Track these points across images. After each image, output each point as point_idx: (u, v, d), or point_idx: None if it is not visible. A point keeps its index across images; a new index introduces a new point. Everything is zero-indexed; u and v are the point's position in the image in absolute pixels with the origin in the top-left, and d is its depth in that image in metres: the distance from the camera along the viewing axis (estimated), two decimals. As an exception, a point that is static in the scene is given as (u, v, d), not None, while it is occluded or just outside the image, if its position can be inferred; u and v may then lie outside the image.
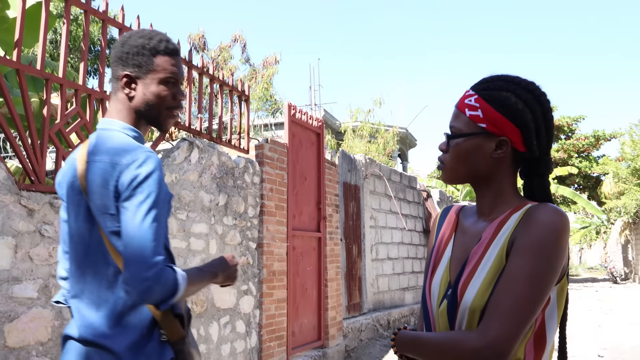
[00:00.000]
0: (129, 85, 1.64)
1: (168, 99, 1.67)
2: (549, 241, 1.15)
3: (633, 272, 26.09)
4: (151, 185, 1.48)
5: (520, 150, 1.28)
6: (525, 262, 1.15)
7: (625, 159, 25.95)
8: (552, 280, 1.16)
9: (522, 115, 1.25)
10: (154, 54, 1.63)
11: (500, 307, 1.14)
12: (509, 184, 1.31)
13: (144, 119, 1.68)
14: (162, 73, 1.64)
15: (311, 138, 6.49)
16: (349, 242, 7.67)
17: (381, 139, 17.06)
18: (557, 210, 1.18)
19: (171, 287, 1.44)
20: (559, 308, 1.23)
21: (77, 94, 3.43)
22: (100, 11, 3.65)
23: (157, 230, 1.45)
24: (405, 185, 10.20)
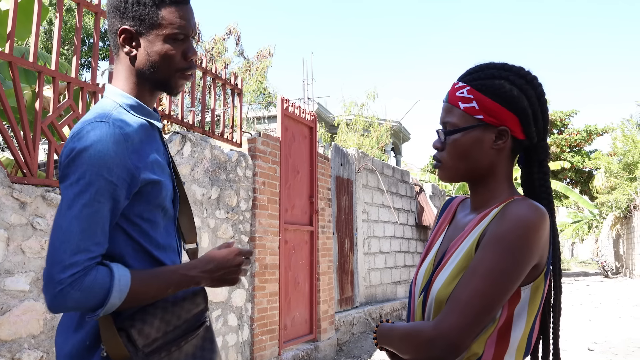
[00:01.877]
0: (128, 42, 1.36)
1: (177, 58, 1.37)
2: (514, 236, 1.12)
3: (624, 266, 26.29)
4: (83, 164, 1.19)
5: (520, 139, 1.25)
6: (486, 256, 1.13)
7: (617, 153, 26.09)
8: (517, 276, 1.12)
9: (519, 102, 1.22)
10: (158, 4, 1.34)
11: (457, 300, 1.13)
12: (505, 177, 1.28)
13: (149, 83, 1.39)
14: (168, 28, 1.34)
15: (304, 132, 6.50)
16: (341, 235, 7.70)
17: (375, 133, 17.09)
18: (532, 206, 1.15)
19: (97, 294, 1.17)
20: (531, 307, 1.18)
21: (70, 86, 3.43)
22: (93, 4, 3.64)
23: (87, 220, 1.18)
24: (398, 179, 10.23)
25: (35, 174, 3.08)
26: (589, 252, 40.02)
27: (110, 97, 1.37)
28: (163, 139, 1.47)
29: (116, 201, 1.24)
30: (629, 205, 23.38)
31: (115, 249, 1.30)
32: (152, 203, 1.33)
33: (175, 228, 1.47)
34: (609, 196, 24.84)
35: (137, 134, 1.32)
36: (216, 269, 1.38)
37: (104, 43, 16.10)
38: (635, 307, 12.47)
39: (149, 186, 1.31)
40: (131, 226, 1.31)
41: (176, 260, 1.44)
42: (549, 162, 1.34)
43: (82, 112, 3.50)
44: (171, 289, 1.31)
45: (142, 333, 1.26)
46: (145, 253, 1.33)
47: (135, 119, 1.35)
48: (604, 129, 29.75)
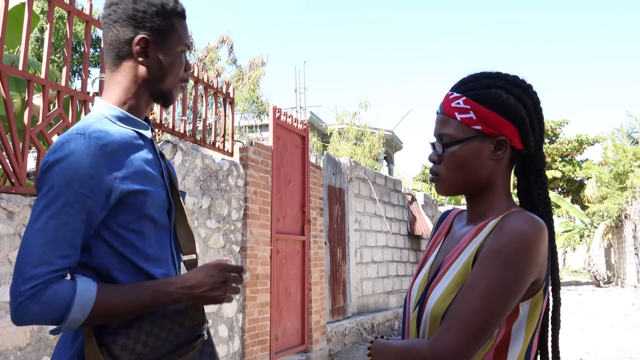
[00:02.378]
0: (143, 52, 1.35)
1: (181, 69, 1.42)
2: (513, 250, 1.08)
3: (615, 275, 26.38)
4: (53, 176, 1.18)
5: (518, 148, 1.22)
6: (484, 272, 1.09)
7: (607, 163, 26.24)
8: (515, 292, 1.09)
9: (517, 111, 1.20)
10: (172, 17, 1.37)
11: (454, 318, 1.09)
12: (503, 189, 1.25)
13: (150, 93, 1.39)
14: (180, 40, 1.38)
15: (296, 141, 6.49)
16: (333, 245, 7.67)
17: (367, 142, 17.12)
18: (530, 219, 1.12)
19: (57, 307, 1.14)
20: (529, 324, 1.15)
21: (60, 95, 3.40)
22: (84, 12, 3.63)
23: (52, 232, 1.16)
24: (390, 189, 10.23)
25: (23, 183, 3.05)
26: (581, 261, 40.14)
27: (97, 110, 1.36)
28: (155, 149, 1.44)
29: (90, 212, 1.21)
30: (620, 215, 23.49)
31: (99, 261, 1.27)
32: (137, 213, 1.29)
33: (170, 239, 1.43)
34: (600, 205, 24.96)
35: (119, 144, 1.29)
36: (198, 285, 1.28)
37: (95, 51, 16.06)
38: (627, 317, 12.50)
39: (130, 196, 1.27)
40: (114, 237, 1.28)
41: (170, 272, 1.39)
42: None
43: (72, 120, 3.47)
44: (144, 305, 1.24)
45: (125, 348, 1.22)
46: (131, 265, 1.29)
47: (120, 130, 1.33)
48: (595, 139, 29.95)
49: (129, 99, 1.37)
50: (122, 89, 1.37)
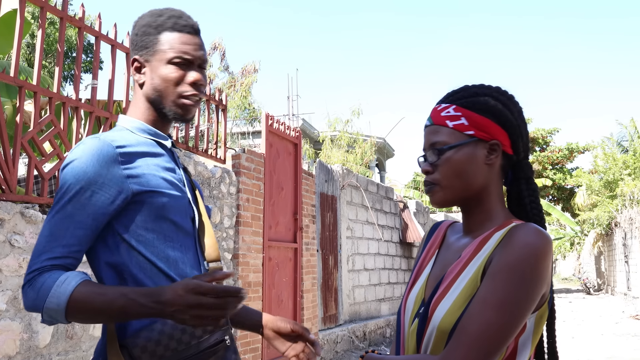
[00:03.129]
0: (138, 70, 1.45)
1: (177, 81, 1.41)
2: (526, 265, 1.07)
3: (606, 283, 26.50)
4: (65, 176, 1.27)
5: (509, 154, 1.23)
6: (498, 286, 1.08)
7: (598, 171, 26.42)
8: (528, 307, 1.08)
9: (506, 116, 1.22)
10: (160, 31, 1.42)
11: (466, 334, 1.07)
12: (498, 197, 1.25)
13: (157, 110, 1.45)
14: (168, 52, 1.41)
15: (288, 148, 6.49)
16: (325, 253, 7.66)
17: (359, 149, 17.14)
18: (539, 232, 1.11)
19: (43, 295, 1.18)
20: (534, 336, 1.15)
21: (52, 101, 3.38)
22: (76, 18, 3.61)
23: (56, 224, 1.24)
24: (382, 196, 10.24)
25: (14, 190, 3.03)
26: (571, 268, 40.32)
27: (119, 124, 1.47)
28: (176, 159, 1.50)
29: (97, 206, 1.27)
30: (610, 223, 23.62)
31: (120, 260, 1.32)
32: (155, 214, 1.34)
33: (195, 245, 1.46)
34: (590, 213, 25.09)
35: (135, 148, 1.36)
36: (169, 304, 1.16)
37: (87, 57, 16.01)
38: (617, 325, 12.55)
39: (146, 196, 1.32)
40: (133, 236, 1.32)
41: (191, 273, 1.40)
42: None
43: (63, 127, 3.46)
44: (117, 311, 1.19)
45: (145, 350, 1.24)
46: (150, 264, 1.33)
47: (138, 138, 1.41)
48: (585, 147, 30.16)
49: (144, 115, 1.46)
50: (137, 107, 1.47)
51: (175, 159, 1.50)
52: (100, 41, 3.80)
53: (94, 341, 3.46)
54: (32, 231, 3.04)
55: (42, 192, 3.27)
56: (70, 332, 3.28)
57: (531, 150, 29.98)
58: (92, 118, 3.70)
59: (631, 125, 24.89)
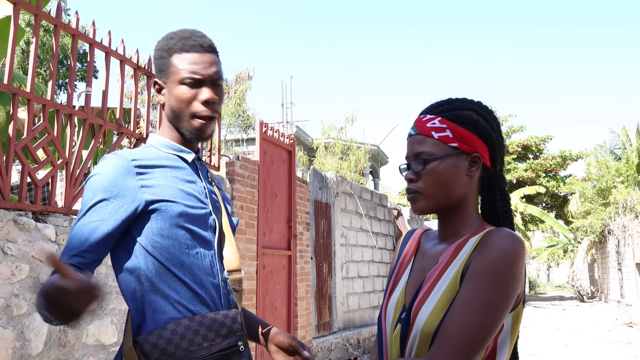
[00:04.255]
0: (159, 92, 1.54)
1: (190, 102, 1.47)
2: (502, 267, 1.13)
3: (599, 290, 26.55)
4: (87, 188, 1.38)
5: (487, 166, 1.30)
6: (477, 289, 1.13)
7: (591, 179, 26.52)
8: (505, 308, 1.14)
9: (487, 130, 1.28)
10: (171, 54, 1.49)
11: (449, 336, 1.12)
12: (474, 206, 1.31)
13: (177, 129, 1.53)
14: (179, 73, 1.46)
15: (282, 155, 6.49)
16: (319, 260, 7.65)
17: (353, 156, 17.15)
18: (512, 236, 1.17)
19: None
20: (512, 335, 1.21)
21: (45, 108, 3.38)
22: (71, 26, 3.62)
23: (76, 231, 1.34)
24: (376, 203, 10.25)
25: (7, 197, 3.02)
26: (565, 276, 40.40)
27: (148, 142, 1.56)
28: (199, 173, 1.57)
29: (110, 214, 1.36)
30: (603, 230, 23.70)
31: (137, 263, 1.40)
32: (170, 222, 1.41)
33: (215, 255, 1.51)
34: (583, 221, 25.17)
35: (154, 162, 1.45)
36: (48, 290, 1.12)
37: (82, 65, 15.99)
38: (610, 332, 12.57)
39: (161, 204, 1.40)
40: (150, 242, 1.40)
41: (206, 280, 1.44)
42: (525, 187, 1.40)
43: (57, 134, 3.45)
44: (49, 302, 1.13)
45: (155, 347, 1.31)
46: (165, 269, 1.40)
47: (159, 152, 1.50)
48: (579, 155, 30.26)
49: (169, 134, 1.55)
50: (163, 126, 1.57)
51: (199, 172, 1.57)
52: (94, 49, 3.81)
53: (87, 349, 3.44)
54: (25, 239, 3.03)
55: (35, 200, 3.26)
56: (63, 340, 3.26)
57: (524, 158, 30.26)
58: (86, 125, 3.70)
59: (623, 133, 25.04)
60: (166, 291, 1.39)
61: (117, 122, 4.04)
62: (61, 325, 1.26)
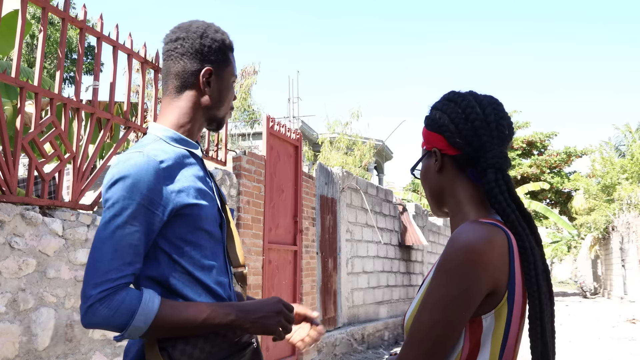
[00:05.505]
0: (207, 80, 1.50)
1: (232, 97, 1.61)
2: (457, 262, 1.09)
3: (602, 287, 26.52)
4: (119, 190, 1.29)
5: (453, 154, 1.27)
6: (433, 286, 1.13)
7: (595, 175, 26.44)
8: (465, 305, 1.09)
9: (437, 121, 1.30)
10: (230, 50, 1.56)
11: (410, 335, 1.13)
12: (465, 197, 1.27)
13: (207, 119, 1.54)
14: (233, 71, 1.57)
15: (289, 151, 6.47)
16: (324, 255, 7.64)
17: (358, 151, 17.13)
18: (477, 229, 1.12)
19: (123, 314, 1.22)
20: (495, 335, 1.15)
21: (53, 102, 3.36)
22: (78, 19, 3.59)
23: (119, 241, 1.26)
24: (382, 199, 10.22)
25: (14, 191, 3.00)
26: (568, 272, 40.36)
27: (152, 132, 1.48)
28: (205, 167, 1.55)
29: (150, 224, 1.31)
30: (607, 227, 23.66)
31: (160, 271, 1.36)
32: (192, 225, 1.38)
33: (224, 251, 1.52)
34: (587, 217, 25.12)
35: (174, 161, 1.40)
36: (253, 311, 1.37)
37: (87, 58, 15.97)
38: (614, 328, 12.55)
39: (187, 209, 1.37)
40: (173, 248, 1.37)
41: (224, 280, 1.47)
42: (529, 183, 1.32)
43: (64, 128, 3.43)
44: (202, 322, 1.31)
45: (184, 352, 1.31)
46: (188, 274, 1.38)
47: (173, 149, 1.44)
48: (583, 151, 30.18)
49: (187, 123, 1.50)
50: (182, 114, 1.50)
51: (204, 166, 1.55)
52: (102, 42, 3.78)
53: (93, 344, 3.43)
54: (32, 233, 3.02)
55: (42, 194, 3.24)
56: (69, 335, 3.25)
57: (529, 154, 30.17)
58: (93, 119, 3.68)
59: (627, 130, 24.93)
60: (190, 296, 1.37)
61: (125, 116, 4.02)
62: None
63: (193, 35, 1.48)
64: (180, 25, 1.52)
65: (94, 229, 3.47)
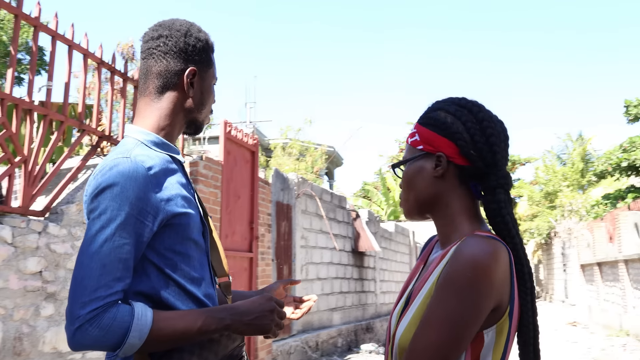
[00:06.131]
0: (190, 82, 1.42)
1: (213, 101, 1.52)
2: (464, 279, 1.06)
3: (544, 290, 27.40)
4: (106, 199, 1.20)
5: (462, 164, 1.22)
6: (438, 304, 1.08)
7: (538, 182, 27.35)
8: (472, 323, 1.07)
9: (452, 127, 1.22)
10: (213, 51, 1.49)
11: (411, 351, 1.09)
12: (461, 208, 1.24)
13: (187, 121, 1.46)
14: (214, 73, 1.50)
15: (246, 156, 6.38)
16: (280, 262, 7.57)
17: (310, 157, 17.15)
18: (484, 245, 1.10)
19: (116, 332, 1.15)
20: (496, 350, 1.13)
21: (3, 103, 3.19)
22: (32, 16, 3.42)
23: (108, 255, 1.17)
24: (336, 205, 10.24)
25: (-39, 197, 2.82)
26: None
27: (131, 136, 1.38)
28: (186, 173, 1.46)
29: (140, 235, 1.23)
30: (549, 233, 24.46)
31: (149, 284, 1.28)
32: (182, 235, 1.32)
33: (208, 261, 1.45)
34: (531, 223, 25.93)
35: (160, 168, 1.32)
36: (247, 313, 1.31)
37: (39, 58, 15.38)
38: (556, 331, 12.96)
39: (176, 218, 1.30)
40: (162, 260, 1.29)
41: (212, 292, 1.41)
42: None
43: (15, 130, 3.26)
44: (197, 330, 1.25)
45: None
46: (178, 287, 1.31)
47: (157, 154, 1.35)
48: (527, 159, 31.18)
49: (167, 126, 1.41)
50: (162, 116, 1.41)
51: (185, 172, 1.46)
52: (56, 41, 3.62)
53: (43, 357, 3.27)
54: (-19, 241, 2.85)
55: (-9, 200, 3.07)
56: (18, 348, 3.09)
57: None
58: (47, 121, 3.52)
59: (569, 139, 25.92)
60: (181, 308, 1.31)
61: (79, 118, 3.86)
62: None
63: (177, 33, 1.41)
64: (162, 23, 1.43)
65: (45, 237, 3.32)
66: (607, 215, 15.65)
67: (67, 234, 3.52)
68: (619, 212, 14.14)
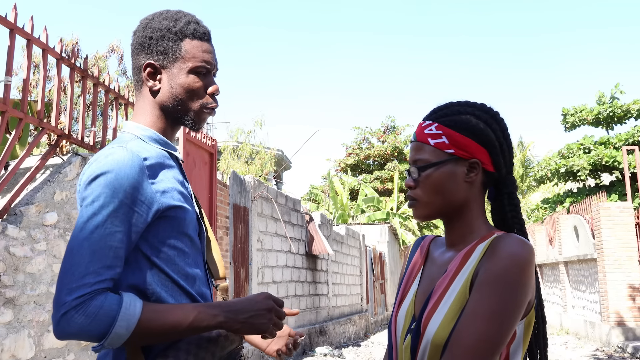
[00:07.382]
0: (153, 76, 1.36)
1: (200, 92, 1.37)
2: (511, 274, 1.11)
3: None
4: (99, 186, 1.17)
5: (490, 171, 1.26)
6: (486, 297, 1.12)
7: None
8: (516, 316, 1.12)
9: (486, 135, 1.25)
10: (182, 38, 1.36)
11: (460, 346, 1.10)
12: (479, 212, 1.28)
13: (171, 117, 1.38)
14: (191, 61, 1.35)
15: (204, 158, 6.28)
16: (237, 265, 7.48)
17: (259, 161, 17.08)
18: (522, 242, 1.15)
19: (102, 320, 1.11)
20: (524, 343, 1.19)
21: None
22: (8, 19, 3.26)
23: (98, 242, 1.14)
24: (290, 208, 10.21)
25: None
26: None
27: (129, 131, 1.36)
28: (183, 171, 1.43)
29: (133, 224, 1.20)
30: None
31: (142, 278, 1.25)
32: (177, 229, 1.28)
33: (204, 261, 1.41)
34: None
35: (156, 160, 1.29)
36: (242, 311, 1.25)
37: None
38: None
39: (172, 211, 1.27)
40: (155, 253, 1.26)
41: (206, 291, 1.37)
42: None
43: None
44: (188, 326, 1.19)
45: None
46: (172, 282, 1.28)
47: (154, 148, 1.33)
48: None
49: (154, 123, 1.38)
50: (146, 113, 1.38)
51: (182, 169, 1.43)
52: (15, 34, 3.45)
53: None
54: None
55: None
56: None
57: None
58: (5, 118, 3.35)
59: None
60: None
61: (38, 116, 3.69)
62: None
63: (140, 26, 1.37)
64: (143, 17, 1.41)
65: (3, 239, 3.16)
66: (548, 218, 16.21)
67: (26, 236, 3.36)
68: (559, 215, 14.68)
